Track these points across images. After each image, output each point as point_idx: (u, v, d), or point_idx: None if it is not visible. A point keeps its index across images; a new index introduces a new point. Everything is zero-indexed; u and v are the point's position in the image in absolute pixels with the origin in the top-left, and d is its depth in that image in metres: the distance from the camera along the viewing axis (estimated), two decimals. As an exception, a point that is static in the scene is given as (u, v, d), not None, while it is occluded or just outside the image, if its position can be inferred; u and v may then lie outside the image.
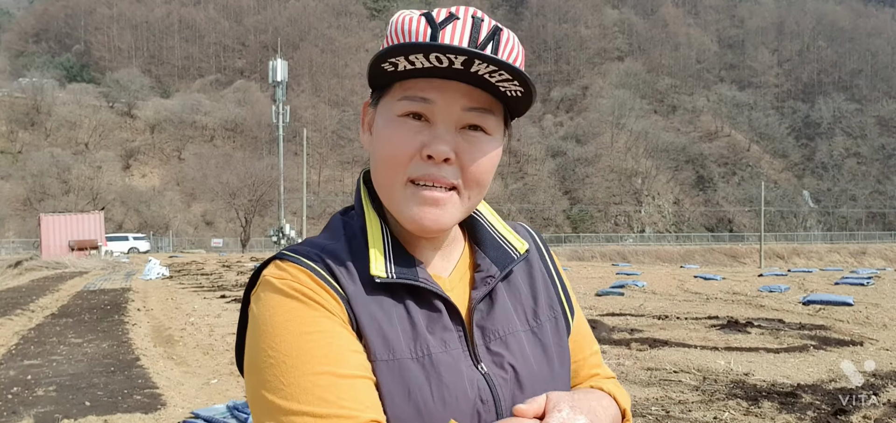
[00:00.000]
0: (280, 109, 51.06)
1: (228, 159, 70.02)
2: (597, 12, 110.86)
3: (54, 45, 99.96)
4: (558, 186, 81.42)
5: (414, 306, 0.91)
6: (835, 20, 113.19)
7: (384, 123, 0.91)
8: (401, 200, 0.90)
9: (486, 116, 0.90)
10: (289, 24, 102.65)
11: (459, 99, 0.88)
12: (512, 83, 0.86)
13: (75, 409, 6.13)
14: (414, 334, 0.89)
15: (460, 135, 0.90)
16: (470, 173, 0.91)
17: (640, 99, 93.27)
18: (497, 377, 0.92)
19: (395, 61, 0.85)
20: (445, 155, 0.88)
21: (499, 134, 0.94)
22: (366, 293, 0.89)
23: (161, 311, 13.41)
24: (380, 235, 0.94)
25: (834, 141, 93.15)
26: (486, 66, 0.83)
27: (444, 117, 0.89)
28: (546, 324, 1.01)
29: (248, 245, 56.07)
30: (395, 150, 0.89)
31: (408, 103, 0.89)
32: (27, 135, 76.39)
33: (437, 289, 0.92)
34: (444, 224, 0.91)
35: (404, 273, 0.91)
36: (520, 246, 1.03)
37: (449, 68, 0.84)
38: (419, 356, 0.88)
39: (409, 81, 0.89)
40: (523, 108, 0.92)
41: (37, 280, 22.52)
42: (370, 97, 0.98)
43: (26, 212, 61.62)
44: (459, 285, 0.98)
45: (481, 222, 1.05)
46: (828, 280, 19.36)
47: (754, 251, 48.16)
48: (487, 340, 0.94)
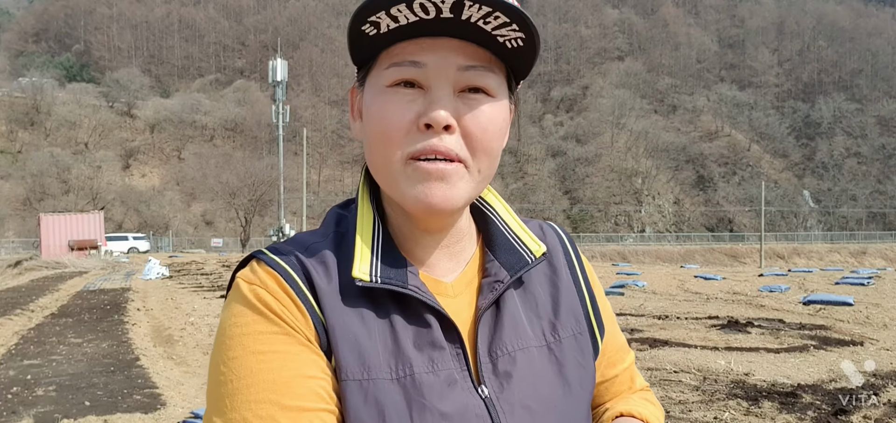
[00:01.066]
0: (280, 108, 51.03)
1: (228, 159, 70.01)
2: (597, 12, 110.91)
3: (54, 45, 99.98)
4: (558, 186, 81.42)
5: (399, 318, 0.80)
6: (835, 20, 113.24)
7: (373, 97, 0.81)
8: (402, 181, 0.79)
9: (486, 74, 0.79)
10: (289, 23, 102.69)
11: (454, 57, 0.78)
12: (509, 28, 0.75)
13: (75, 409, 6.12)
14: (395, 351, 0.78)
15: (460, 99, 0.79)
16: (476, 141, 0.79)
17: (641, 99, 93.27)
18: (501, 401, 0.80)
19: (376, 20, 0.75)
20: (446, 121, 0.77)
21: (503, 94, 0.82)
22: (344, 301, 0.79)
23: (161, 311, 13.41)
24: (371, 231, 0.84)
25: (834, 141, 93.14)
26: (477, 8, 0.73)
27: (440, 80, 0.78)
28: (566, 340, 0.88)
29: (247, 245, 56.04)
30: (387, 123, 0.78)
31: (397, 70, 0.78)
32: (27, 135, 76.42)
33: (426, 298, 0.80)
34: (455, 202, 0.80)
35: (391, 277, 0.80)
36: (536, 248, 0.90)
37: (437, 19, 0.74)
38: (400, 376, 0.76)
39: (396, 46, 0.78)
40: (527, 63, 0.81)
41: (36, 280, 22.51)
42: (356, 79, 0.88)
43: (26, 212, 61.62)
44: (465, 292, 0.87)
45: (494, 220, 0.92)
46: (828, 280, 19.36)
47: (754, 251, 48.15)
48: (493, 357, 0.82)
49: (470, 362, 0.81)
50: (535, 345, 0.85)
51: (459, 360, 0.80)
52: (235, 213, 59.26)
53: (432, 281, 0.85)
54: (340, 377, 0.76)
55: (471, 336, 0.84)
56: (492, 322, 0.85)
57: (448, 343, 0.80)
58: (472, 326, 0.84)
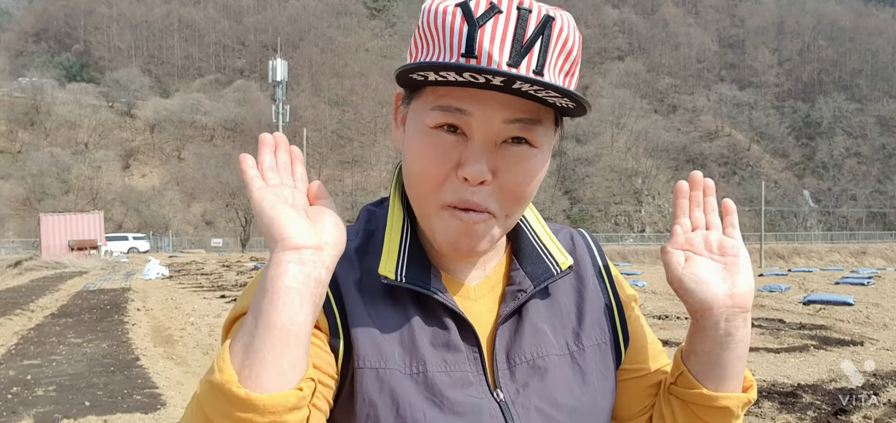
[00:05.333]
0: (280, 108, 51.05)
1: (228, 159, 69.94)
2: (597, 12, 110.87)
3: (54, 45, 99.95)
4: (558, 186, 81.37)
5: (418, 317, 0.82)
6: (835, 20, 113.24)
7: (415, 131, 0.80)
8: (436, 223, 0.81)
9: (533, 127, 0.78)
10: (289, 23, 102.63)
11: (500, 110, 0.76)
12: (561, 99, 0.73)
13: (75, 409, 6.12)
14: (411, 348, 0.80)
15: (501, 150, 0.78)
16: (509, 193, 0.79)
17: (641, 99, 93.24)
18: (517, 406, 0.81)
19: (424, 75, 0.75)
20: (481, 178, 0.77)
21: (547, 144, 0.81)
22: (366, 295, 0.82)
23: (161, 311, 13.40)
24: (400, 232, 0.86)
25: (834, 141, 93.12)
26: (530, 85, 0.71)
27: (483, 131, 0.77)
28: (589, 349, 0.89)
29: (247, 245, 56.04)
30: (427, 168, 0.79)
31: (441, 114, 0.77)
32: (27, 135, 76.38)
33: (447, 302, 0.82)
34: (481, 251, 0.82)
35: (415, 278, 0.82)
36: (562, 261, 0.90)
37: (487, 84, 0.72)
38: (414, 372, 0.79)
39: (443, 87, 0.77)
40: (575, 115, 0.80)
41: (36, 280, 22.51)
42: (403, 91, 0.86)
43: (26, 212, 61.59)
44: (488, 297, 0.88)
45: (524, 230, 0.92)
46: (828, 280, 19.35)
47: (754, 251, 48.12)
48: (512, 362, 0.84)
49: (487, 365, 0.82)
50: (557, 353, 0.86)
51: (475, 363, 0.82)
52: (235, 213, 59.24)
53: (455, 284, 0.87)
54: (357, 365, 0.78)
55: (490, 341, 0.84)
56: (513, 329, 0.86)
57: (465, 346, 0.82)
58: (492, 331, 0.85)
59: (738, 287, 0.84)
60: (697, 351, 0.87)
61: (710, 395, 0.86)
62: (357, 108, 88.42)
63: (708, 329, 0.84)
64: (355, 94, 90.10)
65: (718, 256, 0.87)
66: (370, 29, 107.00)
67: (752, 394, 0.90)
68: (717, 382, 0.86)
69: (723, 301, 0.83)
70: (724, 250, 0.87)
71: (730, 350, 0.85)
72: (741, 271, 0.85)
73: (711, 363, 0.86)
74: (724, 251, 0.87)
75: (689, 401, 0.88)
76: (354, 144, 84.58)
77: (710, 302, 0.83)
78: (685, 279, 0.85)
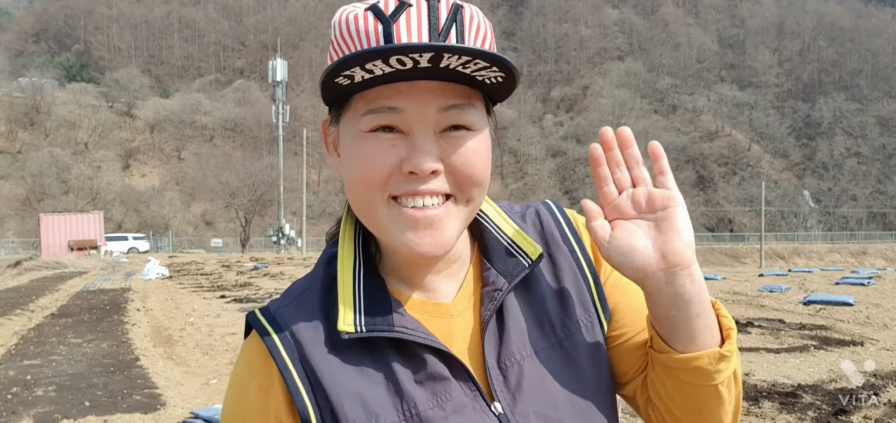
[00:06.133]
0: (280, 108, 51.08)
1: (228, 159, 70.06)
2: (597, 12, 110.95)
3: (54, 45, 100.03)
4: (558, 186, 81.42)
5: (396, 359, 0.78)
6: (835, 20, 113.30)
7: (351, 141, 0.78)
8: (388, 224, 0.77)
9: (467, 110, 0.76)
10: (289, 23, 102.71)
11: (433, 99, 0.75)
12: (490, 70, 0.73)
13: (75, 409, 6.12)
14: (398, 392, 0.77)
15: (442, 139, 0.76)
16: (463, 177, 0.77)
17: (641, 99, 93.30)
18: (516, 415, 0.78)
19: (350, 73, 0.71)
20: (431, 168, 0.75)
21: (484, 124, 0.80)
22: (338, 353, 0.78)
23: (161, 311, 13.40)
24: (351, 277, 0.81)
25: (834, 141, 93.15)
26: (457, 57, 0.70)
27: (420, 125, 0.75)
28: (576, 333, 0.86)
29: (247, 245, 56.06)
30: (367, 169, 0.76)
31: (373, 117, 0.75)
32: (27, 135, 76.45)
33: (415, 337, 0.78)
34: (446, 244, 0.78)
35: (376, 325, 0.78)
36: (532, 251, 0.86)
37: (414, 69, 0.71)
38: (407, 416, 0.76)
39: (371, 90, 0.75)
40: (505, 92, 0.79)
41: (36, 280, 22.51)
42: (328, 115, 0.84)
43: (26, 212, 61.61)
44: (469, 308, 0.84)
45: (489, 227, 0.89)
46: (828, 280, 19.35)
47: (755, 251, 48.13)
48: (503, 368, 0.81)
49: (479, 380, 0.80)
50: (545, 346, 0.84)
51: (466, 384, 0.79)
52: (235, 213, 59.27)
53: (432, 305, 0.83)
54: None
55: (478, 352, 0.82)
56: (497, 333, 0.83)
57: (450, 372, 0.79)
58: (479, 341, 0.82)
59: (671, 244, 0.79)
60: (656, 316, 0.82)
61: (680, 358, 0.80)
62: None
63: (653, 294, 0.80)
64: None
65: (648, 213, 0.81)
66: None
67: (729, 345, 0.81)
68: (685, 342, 0.80)
69: (657, 265, 0.79)
70: (653, 204, 0.81)
71: (683, 310, 0.79)
72: (673, 226, 0.80)
73: (672, 326, 0.80)
74: (653, 206, 0.81)
75: (665, 365, 0.83)
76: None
77: (643, 269, 0.79)
78: (612, 253, 0.81)
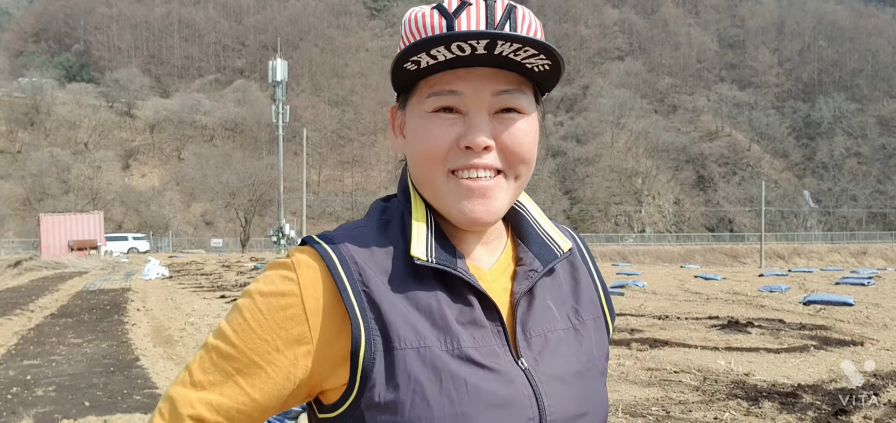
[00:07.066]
0: (280, 108, 51.08)
1: (228, 159, 70.05)
2: (597, 12, 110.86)
3: (54, 45, 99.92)
4: (558, 186, 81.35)
5: (445, 298, 0.89)
6: (835, 20, 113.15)
7: (416, 121, 0.91)
8: (446, 194, 0.90)
9: (518, 95, 0.89)
10: (289, 23, 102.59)
11: (488, 84, 0.87)
12: (538, 58, 0.85)
13: (75, 409, 6.12)
14: (443, 326, 0.87)
15: (495, 120, 0.89)
16: (513, 154, 0.90)
17: (641, 99, 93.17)
18: (538, 373, 0.90)
19: (417, 59, 0.85)
20: (484, 143, 0.87)
21: (533, 110, 0.92)
22: (393, 280, 0.88)
23: (161, 311, 13.40)
24: (425, 218, 0.93)
25: (834, 141, 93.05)
26: (509, 45, 0.82)
27: (476, 106, 0.88)
28: (587, 322, 0.99)
29: (247, 245, 56.03)
30: (431, 145, 0.88)
31: (436, 99, 0.88)
32: (27, 135, 76.36)
33: (472, 281, 0.89)
34: (496, 212, 0.90)
35: (444, 260, 0.89)
36: (563, 244, 1.00)
37: (472, 55, 0.84)
38: (449, 348, 0.86)
39: (434, 76, 0.88)
40: (552, 81, 0.92)
41: (36, 280, 22.51)
42: (396, 101, 0.97)
43: (26, 212, 61.59)
44: (501, 279, 0.96)
45: (526, 216, 1.02)
46: (828, 280, 19.36)
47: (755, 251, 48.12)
48: (528, 336, 0.92)
49: (509, 339, 0.90)
50: (562, 327, 0.96)
51: (500, 337, 0.90)
52: (235, 213, 59.24)
53: (473, 268, 0.94)
54: (397, 346, 0.84)
55: (509, 317, 0.92)
56: (526, 306, 0.94)
57: (489, 322, 0.89)
58: (509, 308, 0.93)
59: None
60: None
61: None
62: (357, 108, 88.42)
63: None
64: (355, 94, 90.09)
65: None
66: (370, 29, 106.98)
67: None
68: None
69: None
70: None
71: None
72: None
73: None
74: None
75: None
76: (354, 144, 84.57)
77: None
78: None
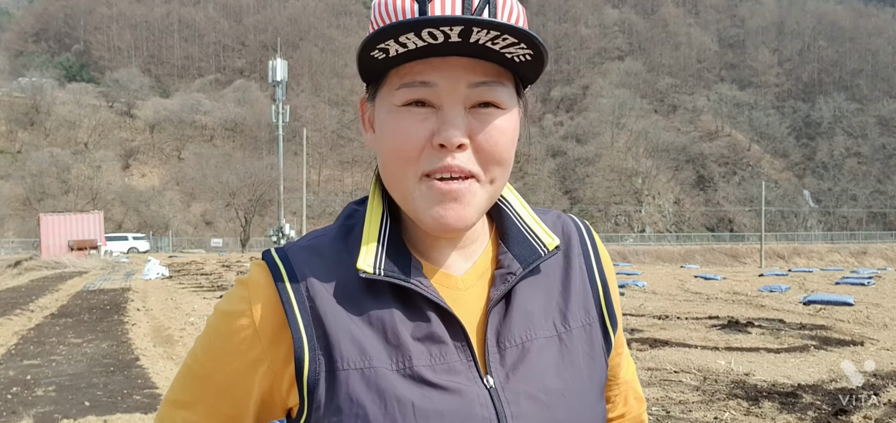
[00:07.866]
0: (280, 108, 51.04)
1: (228, 159, 70.06)
2: (597, 12, 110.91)
3: (54, 45, 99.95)
4: (558, 186, 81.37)
5: (399, 312, 0.81)
6: (835, 20, 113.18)
7: (385, 115, 0.82)
8: (417, 198, 0.80)
9: (496, 88, 0.79)
10: (289, 23, 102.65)
11: (463, 75, 0.78)
12: (518, 47, 0.75)
13: (75, 409, 6.12)
14: (395, 342, 0.79)
15: (471, 115, 0.79)
16: (488, 155, 0.80)
17: (641, 99, 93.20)
18: (507, 391, 0.80)
19: (385, 47, 0.75)
20: (459, 141, 0.78)
21: (513, 105, 0.82)
22: (344, 294, 0.81)
23: (161, 311, 13.40)
24: (378, 225, 0.85)
25: (834, 141, 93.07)
26: (486, 32, 0.73)
27: (450, 99, 0.78)
28: (576, 330, 0.88)
29: (247, 245, 56.03)
30: (401, 142, 0.79)
31: (407, 91, 0.79)
32: (26, 135, 76.38)
33: (429, 294, 0.81)
34: (469, 220, 0.81)
35: (393, 271, 0.81)
36: (549, 241, 0.89)
37: (446, 43, 0.74)
38: (400, 367, 0.78)
39: (405, 66, 0.79)
40: (535, 72, 0.82)
41: (36, 280, 22.51)
42: (365, 92, 0.89)
43: (26, 212, 61.60)
44: (477, 285, 0.87)
45: (509, 213, 0.92)
46: (828, 280, 19.37)
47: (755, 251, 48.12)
48: (502, 347, 0.83)
49: (476, 353, 0.82)
50: (545, 335, 0.85)
51: (463, 352, 0.81)
52: (235, 213, 59.26)
53: (441, 275, 0.86)
54: (340, 366, 0.78)
55: (480, 327, 0.84)
56: (502, 313, 0.85)
57: (450, 337, 0.81)
58: (483, 317, 0.84)
59: None
60: None
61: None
62: (357, 108, 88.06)
63: None
64: (355, 94, 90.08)
65: None
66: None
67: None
68: None
69: None
70: None
71: None
72: None
73: None
74: None
75: None
76: (354, 144, 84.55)
77: None
78: None
